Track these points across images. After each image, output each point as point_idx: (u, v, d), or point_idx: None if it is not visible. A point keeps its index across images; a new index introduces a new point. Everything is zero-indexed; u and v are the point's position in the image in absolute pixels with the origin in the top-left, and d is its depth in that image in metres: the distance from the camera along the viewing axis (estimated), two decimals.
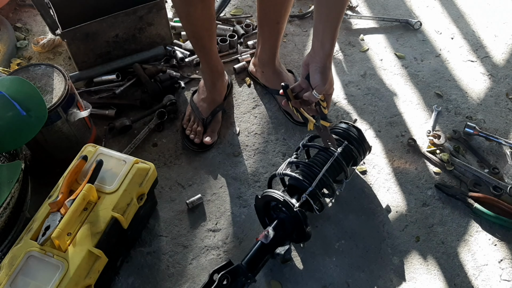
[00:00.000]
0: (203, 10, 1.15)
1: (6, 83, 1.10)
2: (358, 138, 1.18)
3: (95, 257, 0.97)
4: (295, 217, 1.05)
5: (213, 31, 1.25)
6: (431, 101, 1.47)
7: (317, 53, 1.01)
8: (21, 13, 1.76)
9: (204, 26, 1.20)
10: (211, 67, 1.34)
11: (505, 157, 1.33)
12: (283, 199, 1.04)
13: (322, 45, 0.99)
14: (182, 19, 1.22)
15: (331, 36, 0.99)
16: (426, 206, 1.24)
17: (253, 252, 1.03)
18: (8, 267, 0.94)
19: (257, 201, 1.11)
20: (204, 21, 1.18)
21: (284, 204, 1.05)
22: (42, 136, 1.19)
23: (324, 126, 1.10)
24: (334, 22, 0.97)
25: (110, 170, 1.08)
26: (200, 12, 1.15)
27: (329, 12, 0.97)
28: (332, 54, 1.02)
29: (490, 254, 1.15)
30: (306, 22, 1.71)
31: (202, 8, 1.14)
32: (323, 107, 1.09)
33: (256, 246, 1.04)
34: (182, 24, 1.26)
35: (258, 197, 1.10)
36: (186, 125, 1.38)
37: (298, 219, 1.04)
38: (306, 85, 1.07)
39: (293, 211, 1.04)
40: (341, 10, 0.97)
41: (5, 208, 1.02)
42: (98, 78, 1.49)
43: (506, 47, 1.62)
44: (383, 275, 1.12)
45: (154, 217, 1.23)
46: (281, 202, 1.05)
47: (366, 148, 1.21)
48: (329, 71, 1.03)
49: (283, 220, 1.07)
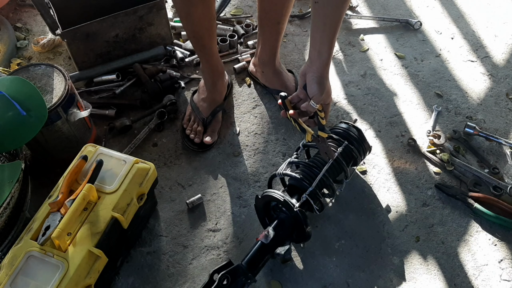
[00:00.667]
0: (203, 10, 1.15)
1: (6, 83, 1.10)
2: (358, 138, 1.18)
3: (95, 257, 0.97)
4: (295, 217, 1.05)
5: (213, 31, 1.25)
6: (431, 101, 1.47)
7: (314, 62, 1.00)
8: (21, 13, 1.76)
9: (205, 26, 1.20)
10: (211, 67, 1.34)
11: (505, 157, 1.33)
12: (283, 199, 1.04)
13: (319, 55, 0.99)
14: (183, 19, 1.22)
15: (328, 45, 0.98)
16: (426, 206, 1.24)
17: (253, 252, 1.03)
18: (8, 267, 0.94)
19: (257, 201, 1.11)
20: (204, 21, 1.18)
21: (284, 204, 1.05)
22: (42, 136, 1.19)
23: (322, 137, 1.09)
24: (331, 31, 0.97)
25: (110, 170, 1.08)
26: (200, 12, 1.15)
27: (326, 21, 0.96)
28: (329, 63, 1.01)
29: (490, 254, 1.15)
30: (306, 22, 1.71)
31: (203, 8, 1.14)
32: (321, 117, 1.08)
33: (256, 246, 1.04)
34: (183, 24, 1.26)
35: (258, 197, 1.10)
36: (186, 125, 1.38)
37: (298, 219, 1.04)
38: (304, 95, 1.06)
39: (293, 211, 1.04)
40: (338, 20, 0.96)
41: (5, 208, 1.02)
42: (98, 78, 1.49)
43: (506, 47, 1.62)
44: (383, 275, 1.12)
45: (154, 217, 1.23)
46: (281, 202, 1.05)
47: (366, 148, 1.21)
48: (326, 81, 1.02)
49: (283, 220, 1.07)
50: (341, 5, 0.94)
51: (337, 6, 0.94)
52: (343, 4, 0.94)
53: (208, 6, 1.15)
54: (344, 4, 0.95)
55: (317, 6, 0.95)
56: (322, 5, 0.95)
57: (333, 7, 0.94)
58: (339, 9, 0.95)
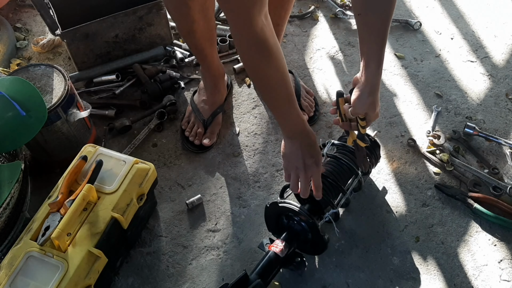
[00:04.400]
0: (205, 24, 1.15)
1: (6, 83, 1.10)
2: (372, 150, 1.18)
3: (95, 257, 0.97)
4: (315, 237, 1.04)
5: (214, 39, 1.25)
6: (431, 101, 1.47)
7: (364, 74, 0.96)
8: (21, 13, 1.76)
9: (206, 38, 1.21)
10: (212, 72, 1.34)
11: (505, 157, 1.33)
12: (311, 220, 1.01)
13: (368, 67, 0.95)
14: (185, 35, 1.22)
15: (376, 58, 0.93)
16: (426, 206, 1.24)
17: (265, 263, 1.01)
18: (8, 267, 0.94)
19: (273, 207, 1.06)
20: (206, 33, 1.19)
21: (310, 225, 1.03)
22: (42, 136, 1.19)
23: (360, 146, 1.06)
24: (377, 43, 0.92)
25: (110, 170, 1.08)
26: (202, 26, 1.15)
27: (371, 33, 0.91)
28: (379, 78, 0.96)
29: (490, 254, 1.15)
30: (306, 22, 1.71)
31: (204, 22, 1.14)
32: (361, 126, 1.03)
33: (268, 257, 1.02)
34: (185, 40, 1.26)
35: (276, 204, 1.05)
36: (185, 126, 1.38)
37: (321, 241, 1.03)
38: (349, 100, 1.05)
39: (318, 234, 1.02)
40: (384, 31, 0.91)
41: (5, 208, 1.02)
42: (98, 79, 1.49)
43: (506, 47, 1.62)
44: (383, 275, 1.12)
45: (154, 217, 1.23)
46: (308, 223, 1.03)
47: (377, 158, 1.22)
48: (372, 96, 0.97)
49: (298, 233, 1.06)
50: (385, 15, 0.91)
51: (380, 17, 0.91)
52: (387, 14, 0.91)
53: (209, 20, 1.15)
54: (387, 14, 0.91)
55: (360, 18, 0.92)
56: (365, 17, 0.92)
57: (377, 18, 0.91)
58: (383, 19, 0.91)
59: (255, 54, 0.91)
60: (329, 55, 1.60)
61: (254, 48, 0.90)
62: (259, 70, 0.93)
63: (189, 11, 1.11)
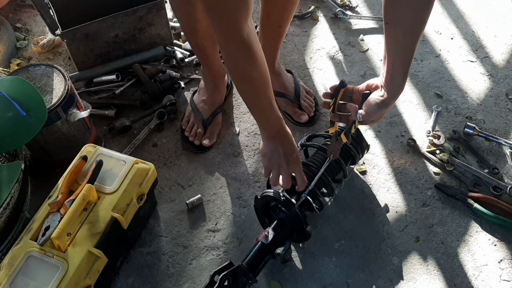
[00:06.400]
0: (207, 23, 1.15)
1: (6, 83, 1.10)
2: (356, 137, 1.18)
3: (95, 257, 0.97)
4: (295, 217, 1.05)
5: (215, 39, 1.25)
6: (431, 101, 1.47)
7: (386, 84, 0.95)
8: (21, 13, 1.76)
9: (208, 38, 1.21)
10: (213, 72, 1.34)
11: (505, 157, 1.33)
12: (283, 198, 1.04)
13: (392, 79, 0.94)
14: (188, 34, 1.23)
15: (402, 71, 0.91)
16: (426, 206, 1.24)
17: (253, 253, 1.03)
18: (8, 267, 0.94)
19: (257, 201, 1.11)
20: (208, 33, 1.19)
21: (284, 203, 1.05)
22: (42, 136, 1.19)
23: (341, 140, 1.09)
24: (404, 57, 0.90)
25: (110, 170, 1.08)
26: (205, 25, 1.16)
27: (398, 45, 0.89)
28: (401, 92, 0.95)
29: (490, 254, 1.15)
30: (306, 22, 1.71)
31: (207, 21, 1.14)
32: (355, 126, 1.07)
33: (256, 247, 1.04)
34: (187, 38, 1.27)
35: (257, 198, 1.10)
36: (185, 126, 1.38)
37: (298, 218, 1.04)
38: (357, 98, 1.05)
39: (292, 210, 1.04)
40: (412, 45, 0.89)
41: (5, 208, 1.02)
42: (98, 78, 1.49)
43: (506, 47, 1.62)
44: (383, 275, 1.12)
45: (154, 217, 1.23)
46: (280, 201, 1.05)
47: (364, 147, 1.21)
48: (387, 109, 0.98)
49: (283, 220, 1.07)
50: (415, 30, 0.87)
51: (410, 30, 0.87)
52: (418, 29, 0.87)
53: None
54: (417, 29, 0.87)
55: (389, 27, 0.89)
56: (393, 28, 0.89)
57: (405, 31, 0.88)
58: (412, 34, 0.88)
59: (242, 59, 0.93)
60: (329, 55, 1.60)
61: (241, 53, 0.92)
62: (245, 73, 0.96)
63: (193, 10, 1.12)
